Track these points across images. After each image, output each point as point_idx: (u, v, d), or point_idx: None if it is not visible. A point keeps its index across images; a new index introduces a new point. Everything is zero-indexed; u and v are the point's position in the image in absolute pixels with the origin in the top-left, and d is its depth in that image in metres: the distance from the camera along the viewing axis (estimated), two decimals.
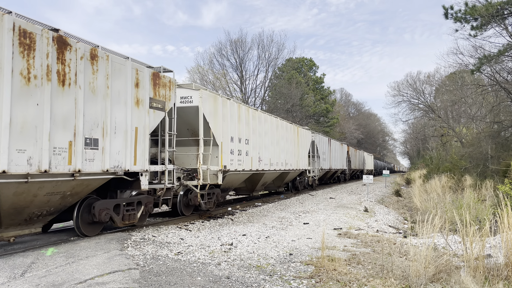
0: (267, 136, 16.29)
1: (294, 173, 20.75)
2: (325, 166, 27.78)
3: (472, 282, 4.77)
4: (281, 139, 18.09)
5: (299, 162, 20.91)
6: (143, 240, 7.85)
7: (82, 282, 5.00)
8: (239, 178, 14.26)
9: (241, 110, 13.92)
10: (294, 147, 20.19)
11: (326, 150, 28.65)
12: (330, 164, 29.79)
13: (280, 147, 17.79)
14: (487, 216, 8.13)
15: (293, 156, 19.88)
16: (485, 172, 18.53)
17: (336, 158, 32.22)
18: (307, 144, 23.06)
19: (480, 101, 24.65)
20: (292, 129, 20.24)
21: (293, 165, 19.81)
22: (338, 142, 35.15)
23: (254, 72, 47.00)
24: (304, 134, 22.55)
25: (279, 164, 17.59)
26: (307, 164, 22.84)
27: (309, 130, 24.39)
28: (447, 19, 16.10)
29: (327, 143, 29.18)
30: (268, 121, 16.65)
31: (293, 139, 20.02)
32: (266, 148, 16.02)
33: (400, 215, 15.57)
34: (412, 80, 47.34)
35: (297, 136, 20.90)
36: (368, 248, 7.73)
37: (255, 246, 7.70)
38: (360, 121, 76.76)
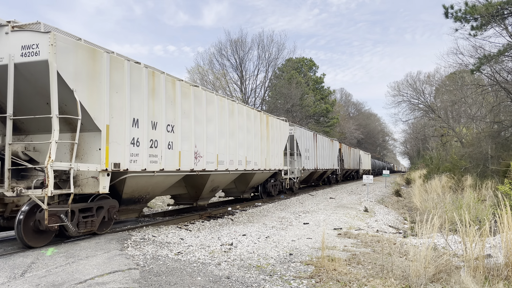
0: (212, 124, 11.92)
1: (263, 174, 16.62)
2: (309, 166, 23.57)
3: (472, 282, 4.77)
4: (239, 129, 13.77)
5: (269, 161, 16.66)
6: (143, 240, 7.85)
7: (82, 282, 5.00)
8: (158, 182, 9.80)
9: (159, 81, 9.45)
10: (262, 142, 15.92)
11: (311, 147, 24.41)
12: (316, 163, 25.52)
13: (236, 140, 13.47)
14: (487, 216, 8.13)
15: (261, 153, 15.65)
16: (485, 172, 18.53)
17: (324, 157, 27.93)
18: (282, 138, 18.70)
19: (480, 101, 24.65)
20: (259, 118, 15.69)
21: (261, 164, 15.67)
22: (327, 138, 30.69)
23: (254, 72, 47.03)
24: (277, 126, 18.04)
25: (234, 163, 13.25)
26: (283, 164, 18.54)
27: (286, 121, 19.88)
28: (447, 18, 16.11)
29: (311, 138, 24.86)
30: (215, 103, 12.06)
31: (259, 131, 15.69)
32: (210, 141, 11.67)
33: (400, 215, 15.57)
34: (412, 80, 47.39)
35: (266, 127, 16.51)
36: (368, 248, 7.73)
37: (255, 246, 7.70)
38: (360, 121, 76.77)
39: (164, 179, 10.06)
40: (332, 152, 31.11)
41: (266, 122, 16.69)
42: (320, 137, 27.67)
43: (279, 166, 17.95)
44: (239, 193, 16.24)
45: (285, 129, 19.41)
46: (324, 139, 28.80)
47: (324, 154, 27.99)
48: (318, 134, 27.66)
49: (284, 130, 19.32)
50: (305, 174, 23.37)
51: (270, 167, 16.72)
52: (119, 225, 10.37)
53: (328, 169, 29.44)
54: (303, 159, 22.32)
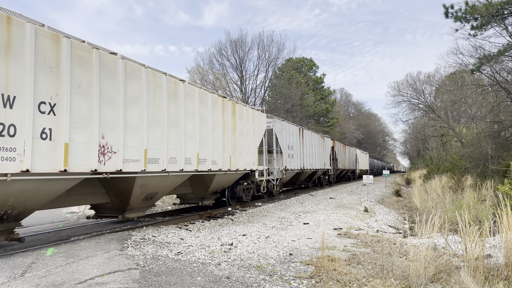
0: (137, 108, 8.64)
1: (228, 176, 13.20)
2: (293, 166, 20.31)
3: (472, 282, 4.77)
4: (187, 118, 10.55)
5: (237, 160, 13.43)
6: (143, 240, 7.85)
7: (82, 282, 5.00)
8: (21, 191, 6.44)
9: (22, 31, 6.22)
10: (226, 135, 12.70)
11: (296, 144, 21.22)
12: (302, 162, 22.16)
13: (182, 132, 10.23)
14: (487, 216, 8.13)
15: (223, 150, 12.44)
16: (485, 172, 18.52)
17: (313, 155, 24.78)
18: (257, 132, 15.41)
19: (480, 101, 24.65)
20: (220, 105, 12.40)
21: (223, 163, 12.44)
22: (317, 134, 27.10)
23: (254, 72, 47.14)
24: (250, 117, 14.70)
25: (179, 162, 10.07)
26: (257, 163, 15.28)
27: (263, 112, 16.59)
28: (447, 18, 16.10)
29: (296, 134, 21.61)
30: (142, 79, 8.80)
31: (221, 121, 12.40)
32: (131, 130, 8.44)
33: (400, 215, 15.57)
34: (412, 80, 47.39)
35: (233, 117, 13.23)
36: (368, 248, 7.73)
37: (255, 246, 7.70)
38: (360, 121, 76.77)
39: (38, 187, 6.62)
40: (324, 150, 28.08)
41: (233, 111, 13.23)
42: (308, 132, 24.32)
43: (251, 166, 14.68)
44: (198, 199, 12.74)
45: (261, 122, 16.06)
46: (313, 135, 25.46)
47: (313, 152, 24.86)
48: (305, 129, 24.28)
49: (260, 123, 15.94)
50: (289, 175, 20.41)
51: (238, 167, 13.43)
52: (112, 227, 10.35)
53: (319, 169, 26.40)
54: (285, 157, 19.09)
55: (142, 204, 9.86)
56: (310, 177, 26.61)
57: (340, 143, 37.43)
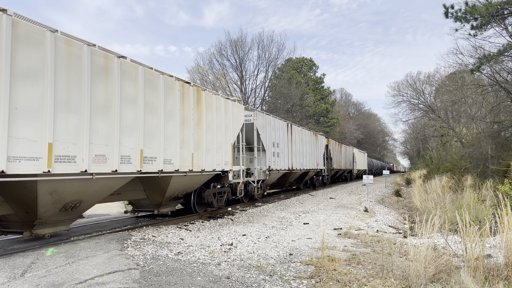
0: (37, 83, 6.48)
1: (190, 178, 10.78)
2: (279, 166, 18.03)
3: (472, 282, 4.77)
4: (126, 104, 8.24)
5: (203, 158, 11.13)
6: (143, 240, 7.85)
7: (82, 282, 5.00)
8: None
9: None
10: (186, 128, 10.38)
11: (283, 141, 18.94)
12: (290, 162, 19.85)
13: (117, 122, 7.97)
14: (487, 216, 8.13)
15: (181, 146, 10.09)
16: (485, 172, 18.53)
17: (304, 154, 22.47)
18: (231, 126, 12.98)
19: (480, 101, 24.66)
20: (178, 90, 10.09)
21: (182, 162, 10.08)
22: (308, 131, 24.56)
23: (254, 72, 47.11)
24: (221, 108, 12.34)
25: (111, 161, 7.81)
26: (231, 162, 12.88)
27: (240, 103, 14.22)
28: (447, 18, 16.11)
29: (284, 129, 19.33)
30: (46, 47, 6.60)
31: (179, 110, 10.05)
32: (23, 113, 6.25)
33: (400, 215, 15.57)
34: (412, 80, 47.41)
35: (197, 106, 10.89)
36: (368, 248, 7.73)
37: (255, 246, 7.70)
38: (360, 121, 76.79)
39: None
40: (316, 149, 25.74)
41: (197, 100, 10.93)
42: (298, 129, 22.07)
43: (223, 166, 12.32)
44: (153, 206, 10.64)
45: (237, 114, 13.56)
46: (304, 132, 23.07)
47: (303, 150, 22.56)
48: (295, 125, 22.32)
49: (236, 115, 13.47)
50: (274, 176, 18.15)
51: (203, 168, 11.09)
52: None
53: (311, 170, 24.05)
54: (269, 156, 16.81)
55: (61, 217, 7.68)
56: (301, 178, 24.39)
57: (335, 141, 35.13)
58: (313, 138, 25.12)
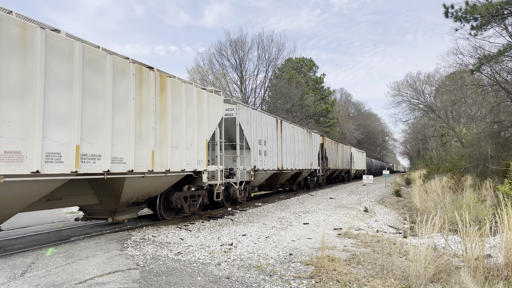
0: None
1: (151, 180, 9.23)
2: (267, 165, 16.43)
3: (472, 282, 4.77)
4: (54, 85, 6.68)
5: (167, 156, 9.57)
6: (143, 240, 7.85)
7: (82, 282, 5.00)
8: None
9: None
10: (146, 121, 8.86)
11: (271, 138, 17.31)
12: (280, 161, 18.17)
13: (37, 108, 6.37)
14: (487, 216, 8.13)
15: (136, 141, 8.49)
16: (485, 172, 18.53)
17: (296, 153, 20.84)
18: (206, 120, 11.38)
19: (480, 101, 24.66)
20: (132, 73, 8.48)
21: (136, 161, 8.50)
22: (301, 128, 22.84)
23: (254, 72, 47.13)
24: (194, 99, 10.78)
25: (32, 157, 6.24)
26: (205, 161, 11.27)
27: (217, 93, 12.60)
28: (447, 18, 16.12)
29: (273, 126, 17.60)
30: None
31: (137, 98, 8.54)
32: None
33: (400, 215, 15.57)
34: (412, 80, 47.40)
35: (160, 95, 9.37)
36: (368, 248, 7.73)
37: (255, 246, 7.70)
38: (360, 121, 76.81)
39: None
40: (311, 148, 24.16)
41: (160, 88, 9.34)
42: (289, 125, 20.28)
43: (195, 166, 10.72)
44: (108, 213, 9.11)
45: (213, 106, 11.92)
46: (296, 130, 21.41)
47: (295, 149, 20.88)
48: (286, 121, 20.35)
49: (213, 108, 11.86)
50: (261, 177, 16.47)
51: (169, 167, 9.57)
52: (118, 225, 10.37)
53: (304, 170, 22.36)
54: (255, 154, 15.17)
55: None
56: (293, 178, 22.58)
57: (331, 140, 33.35)
58: (307, 136, 23.49)
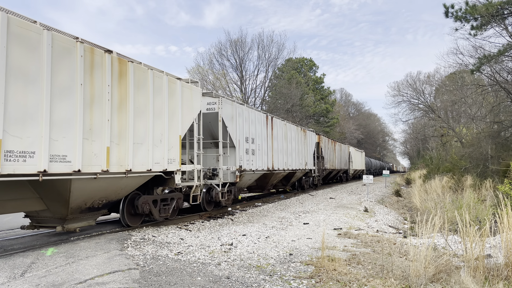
0: None
1: (108, 182, 8.04)
2: (255, 165, 15.23)
3: (472, 282, 4.77)
4: None
5: (128, 153, 8.34)
6: (143, 240, 7.85)
7: (82, 282, 5.00)
8: None
9: None
10: (97, 111, 7.58)
11: (260, 136, 16.00)
12: (269, 161, 16.85)
13: None
14: (487, 216, 8.13)
15: (84, 135, 7.24)
16: (485, 172, 18.53)
17: (288, 152, 19.52)
18: (179, 114, 10.16)
19: (480, 101, 24.66)
20: (80, 54, 7.19)
21: (85, 159, 7.22)
22: (295, 126, 21.48)
23: (254, 72, 47.10)
24: (164, 89, 9.58)
25: None
26: (178, 160, 10.10)
27: (195, 84, 11.42)
28: (447, 18, 16.12)
29: (262, 123, 16.31)
30: None
31: (82, 85, 7.21)
32: None
33: (400, 215, 15.58)
34: (412, 80, 47.42)
35: (118, 83, 8.12)
36: (368, 248, 7.73)
37: (255, 246, 7.70)
38: (360, 121, 76.82)
39: None
40: (305, 147, 22.86)
41: (119, 74, 8.10)
42: (280, 122, 18.82)
43: (165, 165, 9.53)
44: (57, 220, 7.82)
45: (189, 98, 10.65)
46: (289, 127, 20.01)
47: (288, 148, 19.51)
48: (278, 118, 18.88)
49: (188, 100, 10.60)
50: (248, 177, 15.26)
51: (130, 167, 8.31)
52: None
53: (297, 170, 21.08)
54: (241, 153, 13.91)
55: None
56: (286, 179, 21.21)
57: (328, 138, 31.97)
58: (301, 135, 22.22)
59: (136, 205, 9.27)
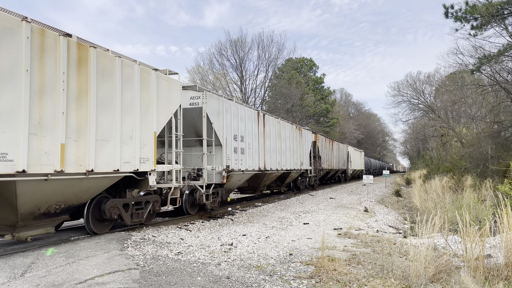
0: None
1: (70, 185, 7.14)
2: (244, 165, 14.01)
3: (472, 282, 4.77)
4: None
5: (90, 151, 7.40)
6: (143, 240, 7.85)
7: (82, 282, 5.00)
8: None
9: None
10: (47, 101, 6.53)
11: (251, 134, 14.81)
12: (261, 161, 15.63)
13: None
14: (487, 216, 8.13)
15: (30, 129, 6.20)
16: (485, 172, 18.53)
17: (282, 151, 18.26)
18: (154, 107, 9.25)
19: (480, 101, 24.66)
20: (25, 33, 6.13)
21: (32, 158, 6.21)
22: (289, 123, 20.06)
23: (254, 72, 47.12)
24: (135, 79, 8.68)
25: None
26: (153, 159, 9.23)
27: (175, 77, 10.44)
28: (447, 18, 16.11)
29: (253, 120, 15.10)
30: None
31: (27, 71, 6.19)
32: None
33: (400, 215, 15.58)
34: (412, 80, 47.43)
35: (75, 70, 7.16)
36: (368, 248, 7.73)
37: (255, 246, 7.70)
38: (360, 121, 76.81)
39: None
40: (301, 146, 21.63)
41: (78, 59, 7.19)
42: (274, 120, 17.59)
43: (136, 165, 8.55)
44: (7, 227, 6.94)
45: (167, 91, 9.69)
46: (283, 125, 18.76)
47: (282, 147, 18.28)
48: (270, 115, 17.54)
49: (165, 93, 9.64)
50: (238, 178, 14.04)
51: (92, 167, 7.37)
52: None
53: (292, 170, 19.81)
54: (228, 152, 12.79)
55: None
56: (281, 180, 19.98)
57: (325, 137, 30.73)
58: (296, 133, 20.92)
59: (103, 209, 8.30)
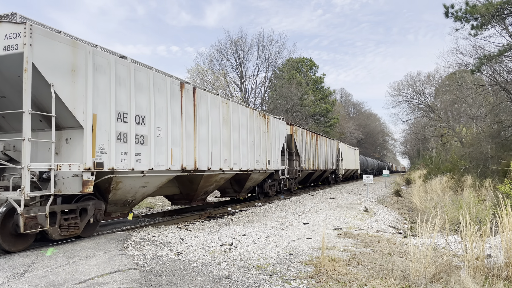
0: None
1: None
2: (146, 162, 8.80)
3: (472, 282, 4.77)
4: None
5: None
6: (143, 240, 7.85)
7: (82, 282, 5.00)
8: None
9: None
10: None
11: (159, 112, 9.38)
12: (187, 156, 10.45)
13: None
14: (487, 216, 8.13)
15: None
16: (485, 172, 18.52)
17: (232, 143, 13.07)
18: None
19: (480, 101, 24.65)
20: None
21: None
22: (246, 107, 14.72)
23: (254, 72, 47.13)
24: None
25: None
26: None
27: None
28: (447, 18, 16.10)
29: (168, 92, 9.71)
30: None
31: None
32: None
33: (400, 215, 15.57)
34: (412, 80, 47.40)
35: None
36: (368, 248, 7.73)
37: (255, 246, 7.70)
38: (360, 121, 76.77)
39: None
40: (268, 139, 16.63)
41: None
42: (215, 99, 12.27)
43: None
44: None
45: None
46: (235, 108, 13.61)
47: (232, 138, 13.21)
48: (207, 91, 11.86)
49: None
50: (140, 184, 9.02)
51: None
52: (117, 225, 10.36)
53: (253, 171, 14.92)
54: (101, 140, 7.58)
55: None
56: (238, 183, 15.35)
57: (307, 130, 24.71)
58: (260, 121, 15.78)
59: None
